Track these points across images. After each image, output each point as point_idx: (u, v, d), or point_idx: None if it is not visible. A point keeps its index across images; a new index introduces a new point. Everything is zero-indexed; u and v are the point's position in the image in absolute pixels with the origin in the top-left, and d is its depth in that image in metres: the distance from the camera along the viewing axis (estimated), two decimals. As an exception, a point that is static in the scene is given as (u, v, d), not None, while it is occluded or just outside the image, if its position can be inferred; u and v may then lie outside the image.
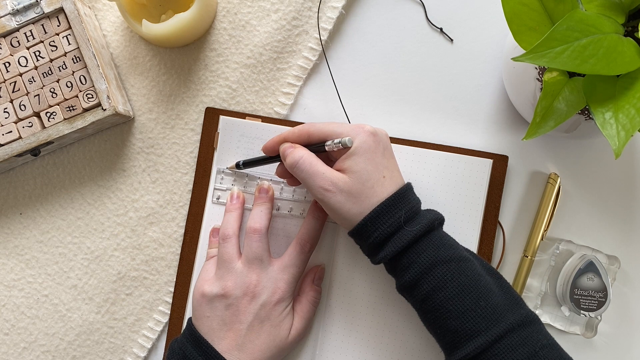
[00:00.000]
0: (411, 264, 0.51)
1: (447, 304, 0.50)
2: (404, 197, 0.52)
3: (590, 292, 0.58)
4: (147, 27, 0.58)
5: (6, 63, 0.59)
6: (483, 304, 0.49)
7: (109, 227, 0.63)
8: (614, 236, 0.62)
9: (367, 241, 0.52)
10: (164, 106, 0.63)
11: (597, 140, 0.62)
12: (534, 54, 0.42)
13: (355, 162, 0.52)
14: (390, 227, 0.51)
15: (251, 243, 0.56)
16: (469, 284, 0.50)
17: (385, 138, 0.54)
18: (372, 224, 0.51)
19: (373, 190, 0.52)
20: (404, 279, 0.52)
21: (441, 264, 0.50)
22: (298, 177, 0.54)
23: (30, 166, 0.63)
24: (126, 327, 0.62)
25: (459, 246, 0.53)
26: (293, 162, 0.53)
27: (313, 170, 0.52)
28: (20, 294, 0.63)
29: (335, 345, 0.59)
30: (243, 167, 0.60)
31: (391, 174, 0.53)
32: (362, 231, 0.52)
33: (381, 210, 0.51)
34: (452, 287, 0.50)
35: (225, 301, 0.55)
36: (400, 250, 0.51)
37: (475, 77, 0.63)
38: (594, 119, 0.45)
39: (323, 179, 0.52)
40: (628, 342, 0.62)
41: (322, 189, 0.52)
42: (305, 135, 0.55)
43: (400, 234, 0.51)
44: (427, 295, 0.50)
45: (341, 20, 0.64)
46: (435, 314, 0.50)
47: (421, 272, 0.50)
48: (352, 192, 0.51)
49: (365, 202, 0.52)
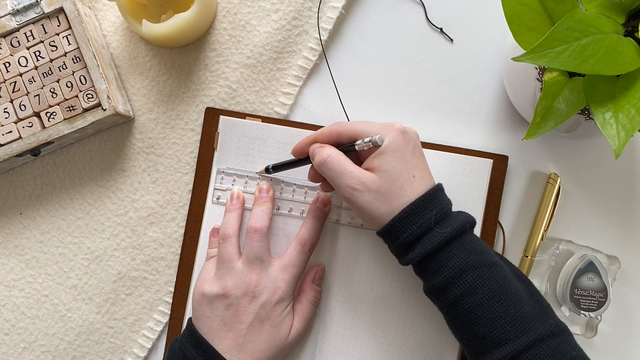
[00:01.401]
0: (441, 267, 0.50)
1: (476, 310, 0.49)
2: (434, 197, 0.51)
3: (590, 292, 0.58)
4: (147, 27, 0.58)
5: (6, 63, 0.59)
6: (513, 312, 0.48)
7: (109, 227, 0.63)
8: (614, 236, 0.62)
9: (396, 242, 0.51)
10: (164, 106, 0.63)
11: (597, 140, 0.62)
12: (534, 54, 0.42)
13: (385, 161, 0.51)
14: (420, 227, 0.50)
15: (252, 243, 0.56)
16: (499, 291, 0.49)
17: (415, 137, 0.53)
18: (402, 224, 0.50)
19: (403, 189, 0.51)
20: (432, 282, 0.51)
21: (472, 269, 0.49)
22: (326, 175, 0.53)
23: (30, 166, 0.63)
24: (126, 327, 0.62)
25: (490, 251, 0.52)
26: (321, 160, 0.53)
27: (341, 168, 0.52)
28: (20, 294, 0.63)
29: (335, 345, 0.59)
30: (272, 171, 0.60)
31: (421, 174, 0.52)
32: (391, 231, 0.51)
33: (411, 210, 0.50)
34: (482, 293, 0.49)
35: (225, 301, 0.55)
36: (430, 252, 0.50)
37: (475, 77, 0.63)
38: (594, 119, 0.45)
39: (351, 177, 0.51)
40: (628, 342, 0.62)
41: (350, 187, 0.51)
42: (335, 134, 0.54)
43: (431, 236, 0.50)
44: (456, 300, 0.50)
45: (341, 20, 0.64)
46: (463, 319, 0.50)
47: (451, 276, 0.49)
48: (381, 191, 0.51)
49: (394, 202, 0.51)
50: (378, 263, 0.60)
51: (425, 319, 0.59)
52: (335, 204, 0.60)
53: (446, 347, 0.59)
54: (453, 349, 0.59)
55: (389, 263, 0.60)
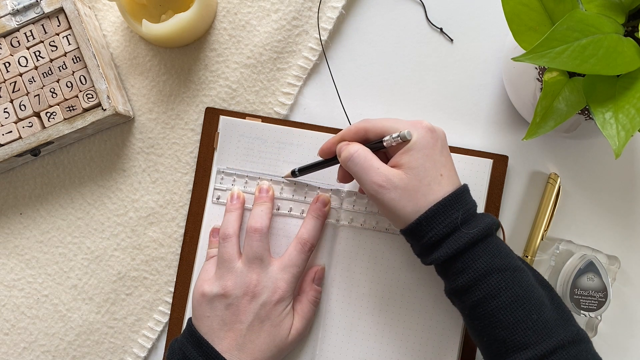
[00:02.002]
0: (466, 268, 0.49)
1: (498, 314, 0.48)
2: (461, 197, 0.51)
3: (590, 292, 0.58)
4: (147, 27, 0.58)
5: (6, 63, 0.59)
6: (535, 317, 0.48)
7: (109, 227, 0.63)
8: (614, 236, 0.62)
9: (421, 240, 0.51)
10: (164, 106, 0.63)
11: (597, 140, 0.62)
12: (534, 54, 0.42)
13: (413, 158, 0.50)
14: (447, 227, 0.50)
15: (252, 242, 0.56)
16: (522, 295, 0.49)
17: (443, 135, 0.53)
18: (428, 223, 0.50)
19: (430, 188, 0.50)
20: (456, 283, 0.50)
21: (496, 272, 0.49)
22: (352, 172, 0.52)
23: (30, 166, 0.63)
24: (126, 327, 0.62)
25: (513, 254, 0.51)
26: (347, 156, 0.52)
27: (367, 164, 0.51)
28: (20, 294, 0.63)
29: (335, 345, 0.59)
30: (299, 174, 0.59)
31: (449, 173, 0.52)
32: (417, 230, 0.50)
33: (438, 209, 0.50)
34: (505, 296, 0.48)
35: (225, 301, 0.55)
36: (455, 252, 0.49)
37: (475, 77, 0.63)
38: (594, 119, 0.45)
39: (377, 174, 0.51)
40: (628, 342, 0.62)
41: (376, 184, 0.50)
42: (362, 131, 0.54)
43: (457, 236, 0.50)
44: (478, 302, 0.49)
45: (341, 20, 0.64)
46: (485, 321, 0.49)
47: (475, 278, 0.49)
48: (407, 188, 0.50)
49: (421, 200, 0.50)
50: (378, 263, 0.60)
51: (426, 319, 0.59)
52: (335, 205, 0.60)
53: (446, 347, 0.59)
54: (453, 349, 0.59)
55: (389, 263, 0.60)
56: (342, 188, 0.60)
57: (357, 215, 0.60)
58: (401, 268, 0.59)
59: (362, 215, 0.60)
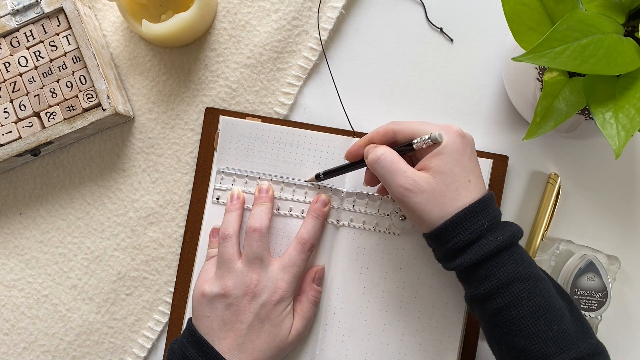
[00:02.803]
0: (489, 276, 0.49)
1: (519, 322, 0.48)
2: (488, 205, 0.51)
3: (590, 292, 0.58)
4: (147, 27, 0.58)
5: (6, 63, 0.59)
6: (555, 328, 0.48)
7: (109, 227, 0.63)
8: (614, 236, 0.62)
9: (445, 245, 0.50)
10: (164, 106, 0.63)
11: (597, 140, 0.62)
12: (534, 54, 0.42)
13: (443, 162, 0.50)
14: (472, 234, 0.49)
15: (251, 242, 0.56)
16: (543, 306, 0.49)
17: (472, 142, 0.53)
18: (454, 228, 0.49)
19: (457, 193, 0.50)
20: (478, 290, 0.50)
21: (519, 281, 0.49)
22: (378, 174, 0.52)
23: (30, 166, 0.63)
24: (126, 327, 0.62)
25: (535, 264, 0.51)
26: (374, 158, 0.52)
27: (394, 167, 0.51)
28: (20, 294, 0.63)
29: (335, 345, 0.59)
30: (324, 177, 0.59)
31: (476, 179, 0.51)
32: (442, 235, 0.50)
33: (464, 215, 0.49)
34: (527, 306, 0.48)
35: (225, 301, 0.55)
36: (479, 259, 0.49)
37: (475, 77, 0.63)
38: (594, 119, 0.45)
39: (404, 177, 0.50)
40: (628, 342, 0.62)
41: (403, 188, 0.50)
42: (390, 133, 0.53)
43: (482, 243, 0.49)
44: (499, 309, 0.49)
45: (341, 20, 0.64)
46: (504, 329, 0.49)
47: (498, 286, 0.49)
48: (435, 193, 0.50)
49: (447, 205, 0.50)
50: (378, 263, 0.60)
51: (426, 319, 0.59)
52: (335, 204, 0.60)
53: (446, 347, 0.59)
54: (453, 349, 0.59)
55: (389, 263, 0.60)
56: (342, 188, 0.60)
57: (357, 216, 0.60)
58: (401, 268, 0.59)
59: (362, 215, 0.60)
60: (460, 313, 0.59)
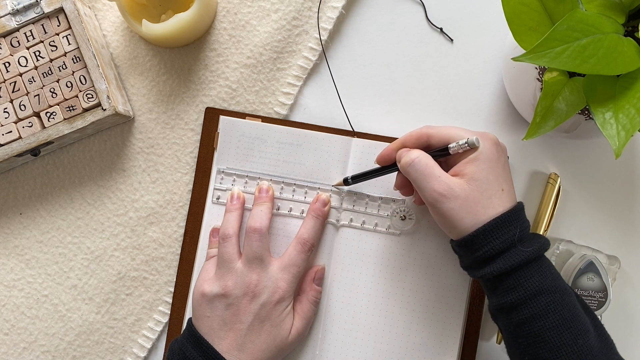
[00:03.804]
0: (517, 286, 0.49)
1: (544, 334, 0.48)
2: (519, 215, 0.51)
3: (590, 292, 0.58)
4: (147, 27, 0.58)
5: (6, 63, 0.59)
6: (580, 342, 0.48)
7: (109, 227, 0.63)
8: (614, 236, 0.62)
9: (475, 253, 0.50)
10: (164, 106, 0.63)
11: (597, 140, 0.62)
12: (534, 54, 0.42)
13: (479, 169, 0.50)
14: (504, 243, 0.49)
15: (251, 242, 0.56)
16: (569, 319, 0.48)
17: (506, 150, 0.53)
18: (485, 237, 0.49)
19: (490, 201, 0.50)
20: (505, 299, 0.49)
21: (547, 292, 0.49)
22: (411, 178, 0.51)
23: (30, 166, 0.63)
24: (126, 327, 0.62)
25: (561, 277, 0.51)
26: (408, 161, 0.51)
27: (428, 171, 0.50)
28: (20, 294, 0.63)
29: (335, 345, 0.59)
30: (352, 182, 0.58)
31: (509, 189, 0.51)
32: (472, 243, 0.50)
33: (497, 224, 0.49)
34: (554, 318, 0.48)
35: (225, 301, 0.55)
36: (509, 269, 0.49)
37: (475, 77, 0.63)
38: (594, 119, 0.45)
39: (438, 182, 0.50)
40: (628, 342, 0.62)
41: (437, 192, 0.49)
42: (424, 137, 0.53)
43: (513, 253, 0.49)
44: (525, 320, 0.49)
45: (341, 20, 0.64)
46: (529, 340, 0.49)
47: (526, 297, 0.49)
48: (468, 199, 0.49)
49: (480, 213, 0.49)
50: (378, 263, 0.60)
51: (426, 319, 0.59)
52: (335, 204, 0.60)
53: (446, 347, 0.59)
54: (453, 349, 0.59)
55: (389, 263, 0.60)
56: (342, 188, 0.60)
57: (357, 216, 0.60)
58: (401, 268, 0.59)
59: (362, 215, 0.60)
60: (460, 313, 0.59)
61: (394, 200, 0.60)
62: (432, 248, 0.59)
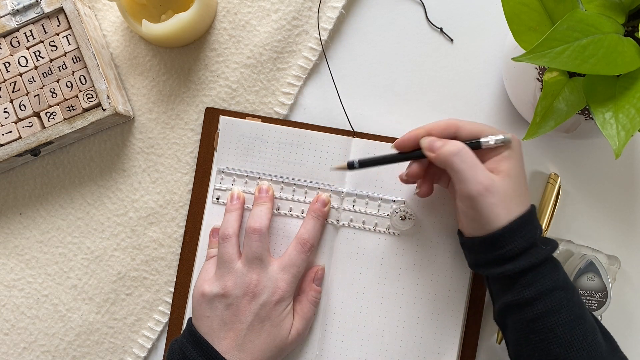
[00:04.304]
0: (535, 282, 0.49)
1: (557, 329, 0.49)
2: (535, 214, 0.52)
3: (590, 292, 0.58)
4: (147, 27, 0.58)
5: (6, 63, 0.59)
6: (590, 339, 0.49)
7: (109, 227, 0.63)
8: (614, 236, 0.62)
9: (497, 251, 0.50)
10: (164, 106, 0.63)
11: (597, 140, 0.62)
12: (534, 54, 0.42)
13: (513, 166, 0.50)
14: (527, 242, 0.49)
15: (251, 243, 0.56)
16: (580, 316, 0.49)
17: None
18: (512, 234, 0.49)
19: (520, 199, 0.50)
20: (522, 295, 0.49)
21: (560, 289, 0.49)
22: (454, 168, 0.49)
23: (30, 166, 0.63)
24: (126, 327, 0.62)
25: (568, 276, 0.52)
26: (454, 150, 0.49)
27: (475, 162, 0.49)
28: (20, 294, 0.63)
29: (335, 345, 0.59)
30: (359, 166, 0.55)
31: (527, 189, 0.52)
32: (498, 240, 0.49)
33: (523, 222, 0.49)
34: (566, 314, 0.49)
35: (225, 301, 0.55)
36: (530, 266, 0.49)
37: (475, 77, 0.63)
38: (594, 119, 0.45)
39: (484, 174, 0.49)
40: (628, 342, 0.62)
41: (482, 185, 0.48)
42: (453, 128, 0.52)
43: (535, 251, 0.49)
44: (539, 315, 0.49)
45: (341, 20, 0.64)
46: (541, 336, 0.49)
47: (542, 292, 0.49)
48: (506, 196, 0.49)
49: (512, 210, 0.49)
50: (378, 263, 0.60)
51: (426, 319, 0.59)
52: (335, 205, 0.60)
53: (446, 347, 0.59)
54: (453, 348, 0.59)
55: (389, 263, 0.60)
56: (342, 189, 0.60)
57: (357, 216, 0.60)
58: (401, 268, 0.59)
59: (361, 215, 0.60)
60: (459, 313, 0.59)
61: (394, 200, 0.60)
62: (432, 248, 0.59)
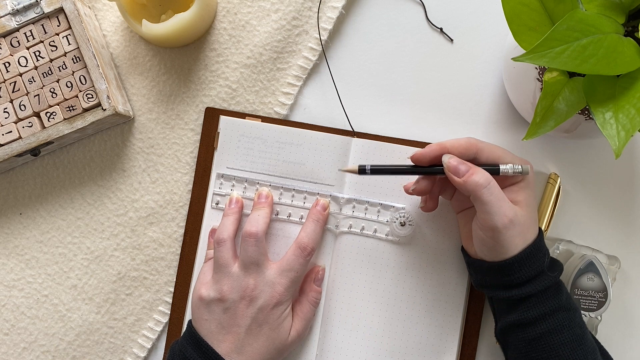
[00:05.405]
0: (539, 303, 0.50)
1: (559, 350, 0.49)
2: (543, 239, 0.53)
3: (590, 292, 0.58)
4: (147, 27, 0.58)
5: (6, 63, 0.59)
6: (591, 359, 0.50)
7: (109, 227, 0.63)
8: (614, 236, 0.62)
9: (505, 277, 0.51)
10: (164, 106, 0.63)
11: (597, 140, 0.62)
12: (534, 54, 0.42)
13: (529, 196, 0.51)
14: (535, 270, 0.50)
15: (247, 247, 0.55)
16: (581, 336, 0.50)
17: None
18: (521, 264, 0.50)
19: (533, 228, 0.51)
20: (525, 315, 0.50)
21: (563, 310, 0.50)
22: (482, 199, 0.48)
23: (30, 166, 0.63)
24: (126, 327, 0.62)
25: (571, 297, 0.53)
26: (484, 182, 0.48)
27: (502, 195, 0.49)
28: (20, 294, 0.63)
29: (335, 346, 0.59)
30: (370, 172, 0.54)
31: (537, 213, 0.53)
32: (508, 268, 0.50)
33: (532, 251, 0.50)
34: (568, 334, 0.49)
35: (222, 305, 0.55)
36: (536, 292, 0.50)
37: (475, 77, 0.63)
38: (594, 119, 0.45)
39: (509, 207, 0.49)
40: (628, 342, 0.62)
41: (507, 218, 0.49)
42: (473, 149, 0.51)
43: (542, 278, 0.50)
44: (542, 335, 0.50)
45: (341, 20, 0.64)
46: (543, 355, 0.50)
47: (545, 313, 0.50)
48: (524, 226, 0.50)
49: (527, 239, 0.50)
50: (377, 269, 0.60)
51: (425, 320, 0.59)
52: (334, 210, 0.60)
53: (446, 347, 0.59)
54: (453, 348, 0.59)
55: (388, 269, 0.60)
56: (341, 195, 0.60)
57: (356, 222, 0.60)
58: (400, 273, 0.59)
59: (361, 221, 0.60)
60: (459, 313, 0.59)
61: (394, 206, 0.60)
62: (431, 253, 0.59)
